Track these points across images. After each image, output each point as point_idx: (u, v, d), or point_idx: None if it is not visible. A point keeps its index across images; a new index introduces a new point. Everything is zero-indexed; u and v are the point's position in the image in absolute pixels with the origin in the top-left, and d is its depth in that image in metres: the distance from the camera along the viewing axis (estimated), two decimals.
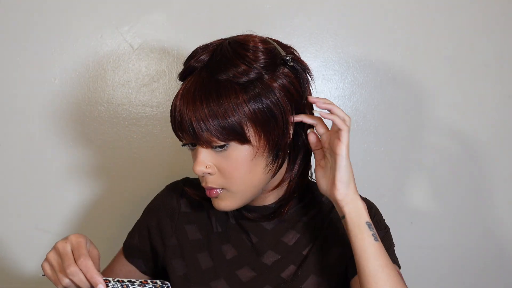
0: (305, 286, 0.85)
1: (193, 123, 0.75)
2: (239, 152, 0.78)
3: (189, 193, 0.93)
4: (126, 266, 0.97)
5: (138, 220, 0.99)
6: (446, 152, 1.30)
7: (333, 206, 0.88)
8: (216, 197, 0.82)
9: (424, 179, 1.30)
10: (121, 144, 1.22)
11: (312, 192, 0.93)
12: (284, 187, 0.88)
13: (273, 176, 0.84)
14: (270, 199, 0.89)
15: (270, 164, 0.81)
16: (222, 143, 0.77)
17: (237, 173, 0.79)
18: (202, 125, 0.75)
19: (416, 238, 1.32)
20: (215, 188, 0.81)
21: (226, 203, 0.82)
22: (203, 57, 0.81)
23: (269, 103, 0.77)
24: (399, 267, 0.89)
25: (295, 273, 0.86)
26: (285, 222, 0.90)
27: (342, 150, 0.78)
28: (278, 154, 0.82)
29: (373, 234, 0.77)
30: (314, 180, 0.93)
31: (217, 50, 0.81)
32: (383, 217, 0.94)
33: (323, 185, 0.82)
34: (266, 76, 0.78)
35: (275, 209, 0.89)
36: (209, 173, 0.80)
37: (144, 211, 0.99)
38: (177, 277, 0.89)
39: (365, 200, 0.92)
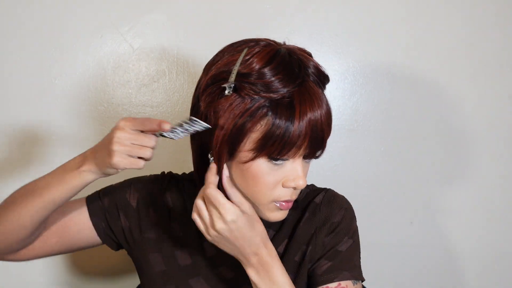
0: None
1: (324, 136, 0.77)
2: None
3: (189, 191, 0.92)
4: (83, 221, 0.90)
5: (113, 187, 0.94)
6: (446, 152, 1.30)
7: (308, 204, 0.89)
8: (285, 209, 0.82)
9: (424, 179, 1.30)
10: None
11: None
12: None
13: None
14: None
15: None
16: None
17: None
18: (327, 136, 0.78)
19: (416, 238, 1.32)
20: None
21: (287, 213, 0.83)
22: (288, 80, 0.76)
23: None
24: (362, 280, 0.87)
25: None
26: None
27: None
28: None
29: None
30: None
31: (289, 57, 0.78)
32: (357, 220, 0.92)
33: None
34: None
35: None
36: None
37: (126, 183, 0.94)
38: (154, 273, 0.88)
39: (338, 197, 0.91)
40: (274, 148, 0.74)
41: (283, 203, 0.79)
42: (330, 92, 1.24)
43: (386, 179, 1.30)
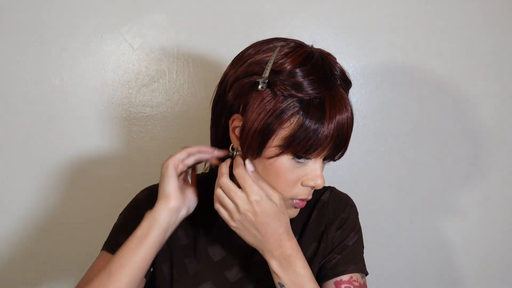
0: None
1: (345, 144, 0.80)
2: None
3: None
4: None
5: (120, 221, 0.93)
6: (446, 152, 1.30)
7: (317, 201, 0.93)
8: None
9: (424, 179, 1.31)
10: (121, 144, 1.22)
11: None
12: None
13: None
14: None
15: None
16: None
17: None
18: (348, 142, 0.81)
19: (416, 238, 1.32)
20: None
21: (298, 211, 0.85)
22: (321, 83, 0.77)
23: None
24: (366, 274, 0.90)
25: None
26: None
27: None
28: None
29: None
30: None
31: (322, 61, 0.80)
32: (359, 217, 0.96)
33: None
34: None
35: None
36: None
37: (124, 212, 0.94)
38: (165, 282, 0.88)
39: (343, 195, 0.95)
40: (301, 146, 0.76)
41: (299, 201, 0.81)
42: None
43: (386, 179, 1.30)
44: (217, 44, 1.20)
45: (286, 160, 0.78)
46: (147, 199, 0.91)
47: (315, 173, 0.79)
